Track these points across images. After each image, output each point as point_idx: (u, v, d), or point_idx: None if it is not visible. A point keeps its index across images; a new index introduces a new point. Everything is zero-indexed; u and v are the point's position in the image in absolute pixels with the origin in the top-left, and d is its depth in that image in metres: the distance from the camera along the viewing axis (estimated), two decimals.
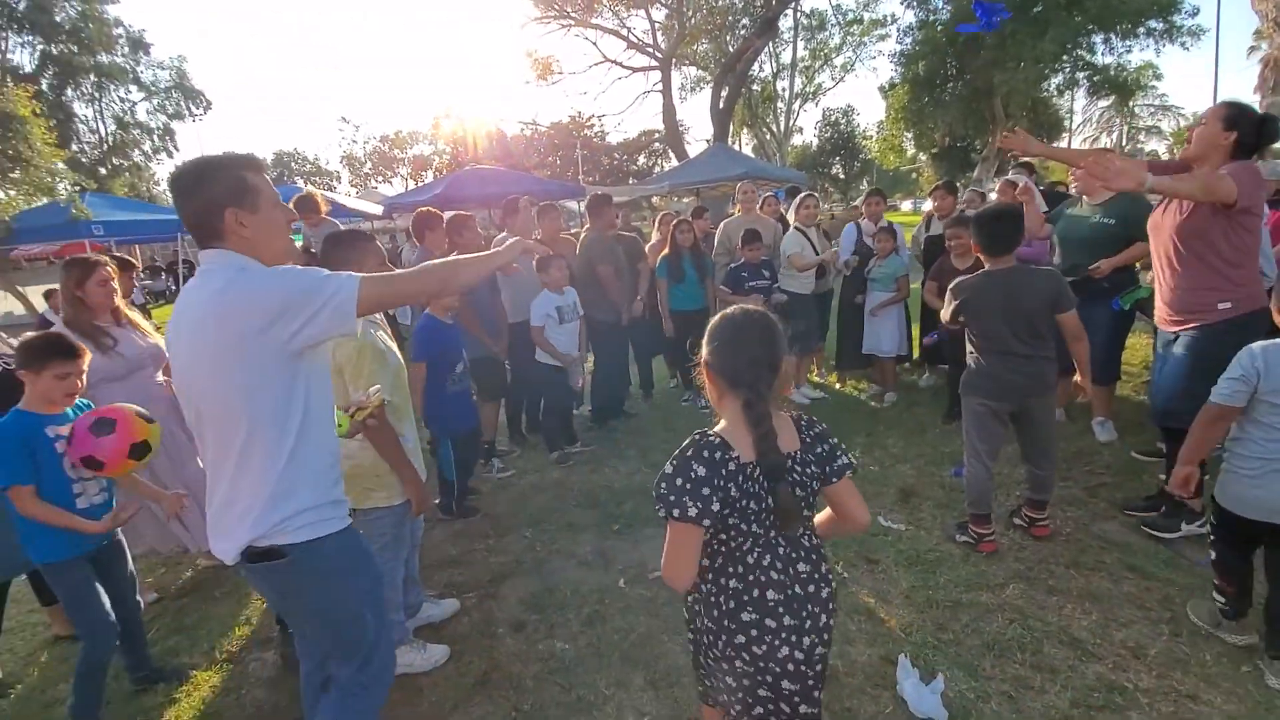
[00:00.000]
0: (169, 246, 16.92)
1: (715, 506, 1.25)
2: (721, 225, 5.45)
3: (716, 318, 1.41)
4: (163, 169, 31.46)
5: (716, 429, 1.36)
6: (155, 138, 30.83)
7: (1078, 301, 2.66)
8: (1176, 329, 2.67)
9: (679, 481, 1.26)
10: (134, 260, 4.04)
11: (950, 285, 2.82)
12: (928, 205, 6.18)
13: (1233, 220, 2.44)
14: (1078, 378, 2.72)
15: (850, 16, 29.20)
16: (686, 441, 1.31)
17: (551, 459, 4.31)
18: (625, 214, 9.88)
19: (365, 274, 1.47)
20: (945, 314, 2.86)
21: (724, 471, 1.27)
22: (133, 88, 29.16)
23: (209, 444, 1.47)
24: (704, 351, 1.41)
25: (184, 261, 11.90)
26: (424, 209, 4.51)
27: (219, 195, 1.41)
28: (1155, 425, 3.01)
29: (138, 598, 2.37)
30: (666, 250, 5.01)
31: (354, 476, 2.05)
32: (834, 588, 1.42)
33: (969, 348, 2.83)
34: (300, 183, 30.11)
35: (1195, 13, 16.85)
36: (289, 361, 1.41)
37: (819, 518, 1.49)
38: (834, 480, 1.38)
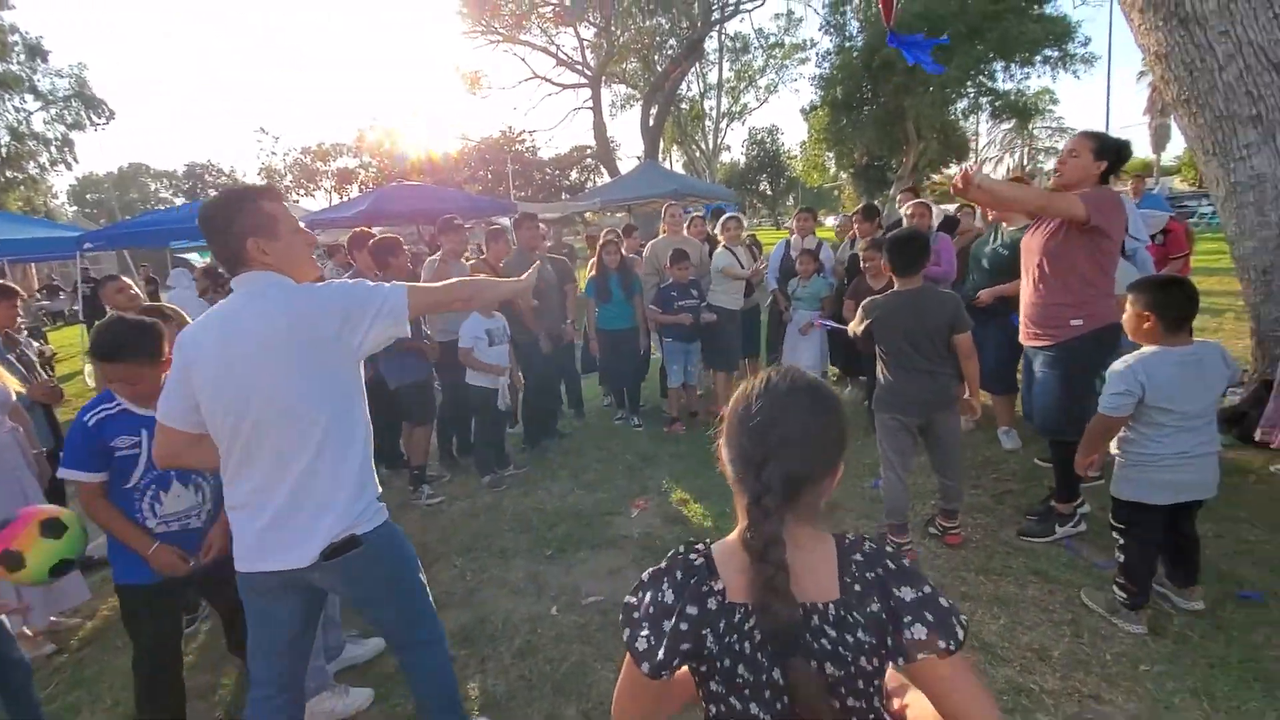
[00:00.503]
0: (67, 264, 15.54)
1: (678, 653, 0.83)
2: (649, 245, 5.51)
3: (754, 380, 0.92)
4: (61, 181, 29.17)
5: (718, 542, 0.92)
6: (53, 149, 28.63)
7: (973, 324, 2.84)
8: (1035, 344, 2.90)
9: (644, 597, 0.88)
10: (14, 286, 3.70)
11: (862, 304, 2.97)
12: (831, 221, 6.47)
13: (1093, 242, 2.67)
14: (970, 395, 2.92)
15: (772, 40, 30.43)
16: (671, 551, 0.92)
17: (484, 483, 4.22)
18: (558, 231, 9.88)
19: (409, 284, 1.66)
20: (856, 328, 3.00)
21: (701, 609, 0.84)
22: (29, 96, 27.03)
23: (267, 454, 1.51)
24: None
25: (87, 281, 10.88)
26: (359, 229, 4.43)
27: (242, 228, 1.52)
28: (1041, 434, 3.23)
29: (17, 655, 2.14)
30: (594, 271, 5.03)
31: None
32: None
33: (879, 365, 2.97)
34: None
35: (1087, 42, 18.47)
36: (355, 363, 1.59)
37: (911, 711, 0.94)
38: (900, 659, 0.83)
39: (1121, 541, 2.36)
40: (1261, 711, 1.94)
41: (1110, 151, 2.71)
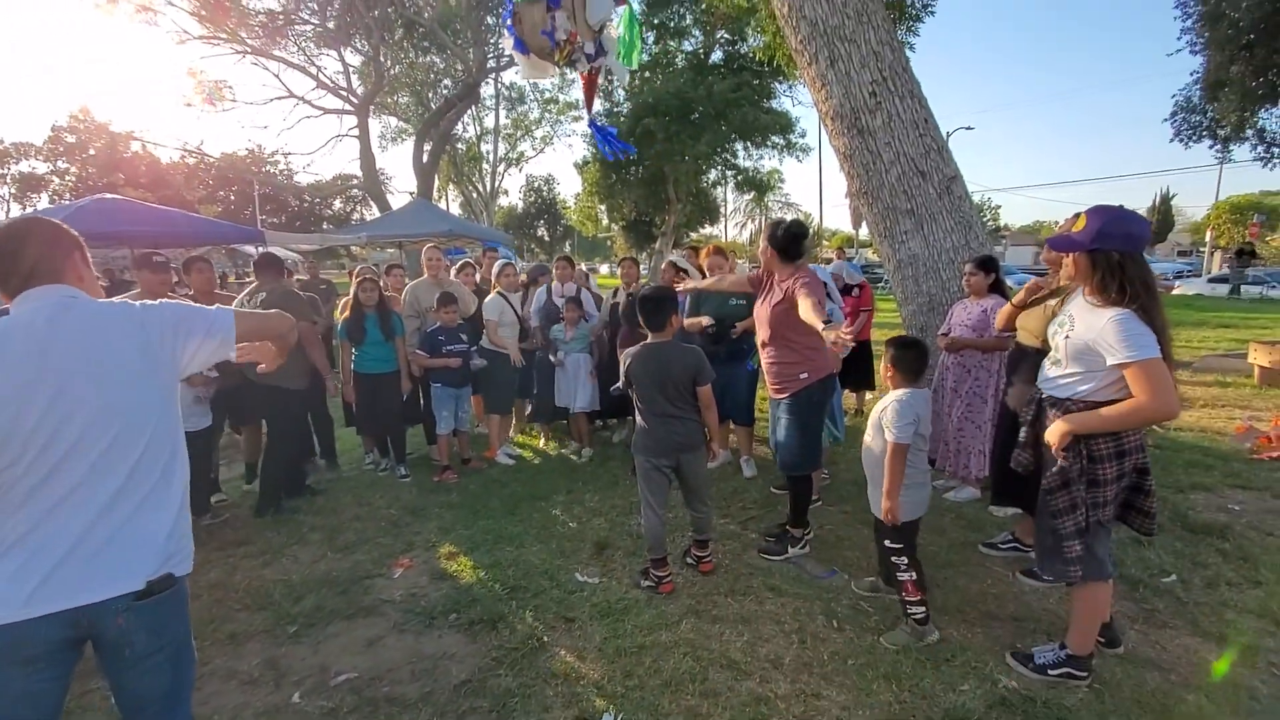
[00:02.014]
0: None
1: None
2: (408, 287, 5.34)
3: None
4: None
5: None
6: None
7: (714, 375, 3.16)
8: (776, 396, 3.44)
9: None
10: None
11: (622, 354, 3.20)
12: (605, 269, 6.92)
13: None
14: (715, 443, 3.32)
15: (547, 96, 31.70)
16: None
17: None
18: (313, 265, 8.98)
19: (236, 309, 1.70)
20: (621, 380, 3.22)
21: None
22: None
23: (76, 475, 1.37)
24: None
25: None
26: (145, 251, 3.83)
27: (72, 242, 1.53)
28: (780, 471, 3.74)
29: None
30: (348, 312, 4.69)
31: None
32: None
33: (636, 411, 3.20)
34: None
35: (804, 134, 22.31)
36: (177, 384, 1.57)
37: None
38: None
39: (906, 561, 2.65)
40: (931, 685, 2.42)
41: (779, 238, 3.33)
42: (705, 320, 4.34)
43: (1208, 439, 5.27)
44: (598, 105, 3.70)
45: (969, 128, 35.69)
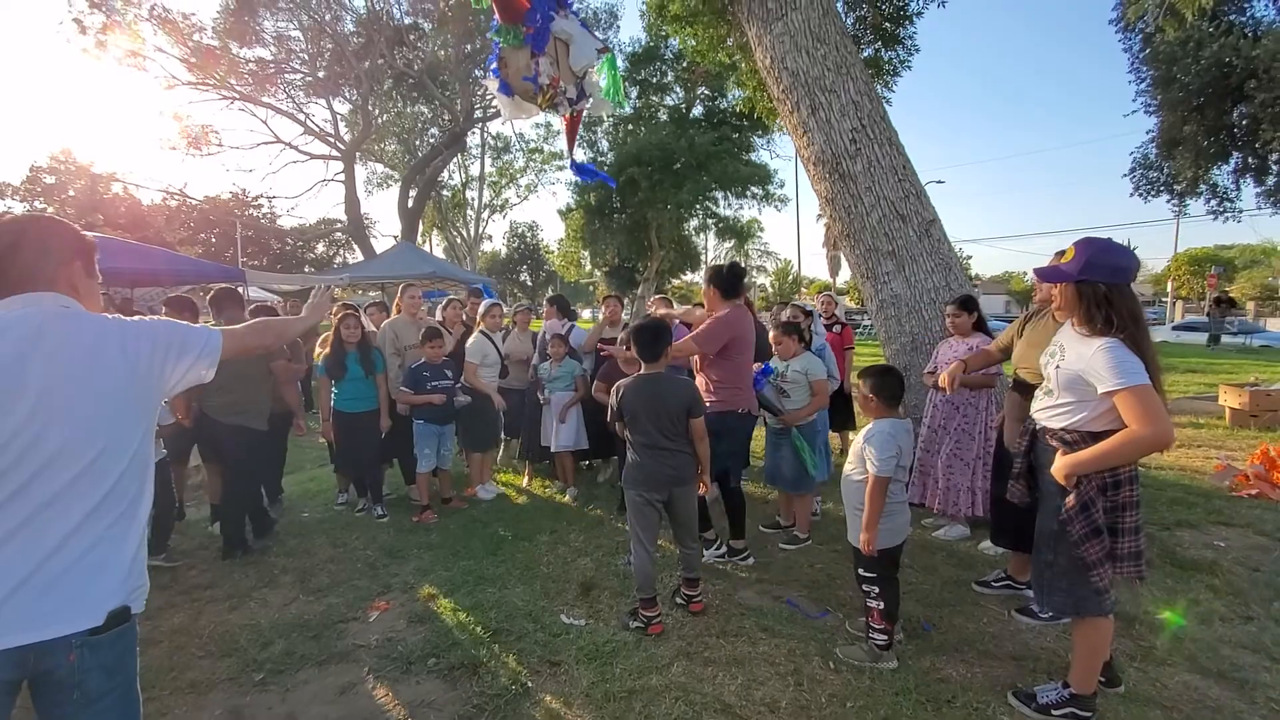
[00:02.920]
0: None
1: None
2: (385, 324, 5.32)
3: None
4: None
5: None
6: None
7: (706, 408, 3.21)
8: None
9: None
10: None
11: (613, 386, 3.16)
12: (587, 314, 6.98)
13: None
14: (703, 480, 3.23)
15: (532, 146, 32.41)
16: None
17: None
18: (295, 305, 8.90)
19: (225, 327, 1.62)
20: (610, 413, 3.18)
21: None
22: None
23: (43, 493, 1.27)
24: None
25: None
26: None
27: (72, 248, 1.46)
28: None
29: None
30: (328, 349, 4.62)
31: None
32: None
33: (628, 445, 3.15)
34: None
35: (782, 185, 23.07)
36: (159, 405, 1.50)
37: None
38: None
39: (877, 590, 2.68)
40: None
41: (719, 279, 3.70)
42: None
43: (1188, 477, 5.32)
44: (582, 154, 3.80)
45: (940, 181, 37.04)
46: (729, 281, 3.71)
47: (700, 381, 3.69)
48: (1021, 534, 2.82)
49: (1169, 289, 36.84)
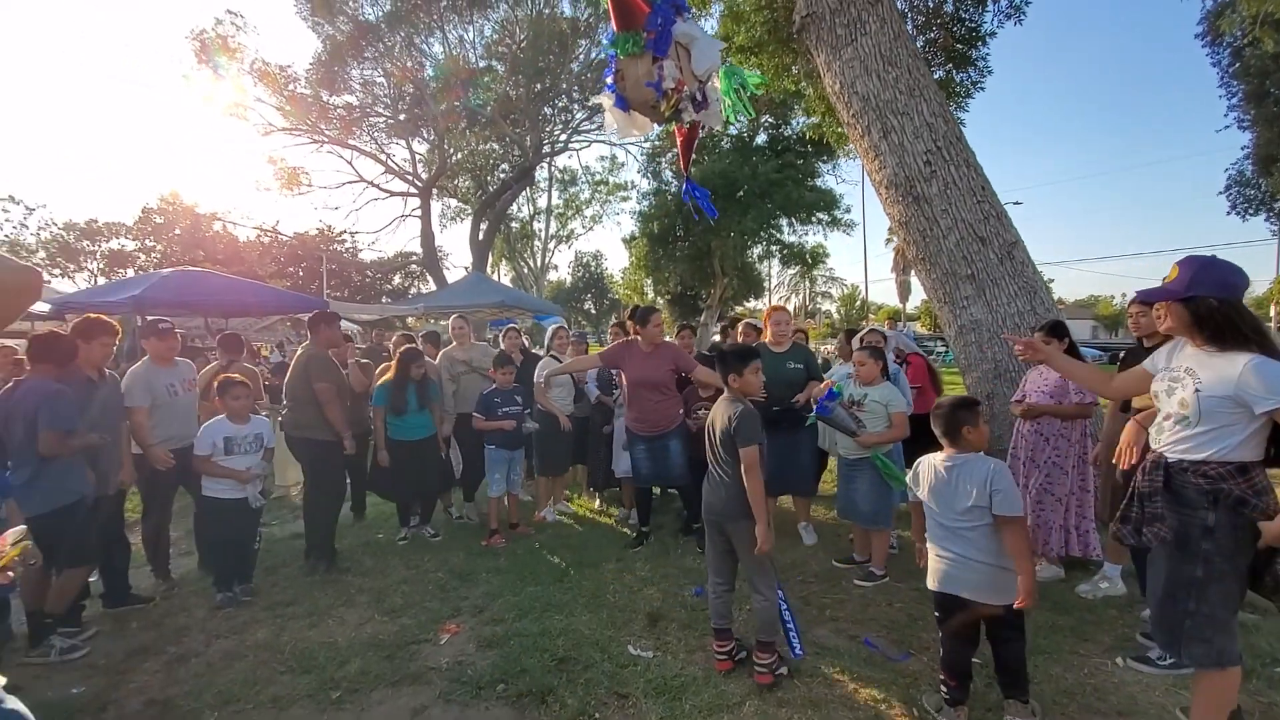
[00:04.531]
0: None
1: None
2: (441, 354, 5.52)
3: None
4: None
5: None
6: None
7: (762, 438, 2.81)
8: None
9: None
10: None
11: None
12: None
13: None
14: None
15: (597, 178, 33.25)
16: None
17: (216, 601, 3.72)
18: (378, 334, 9.35)
19: None
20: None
21: None
22: None
23: None
24: None
25: None
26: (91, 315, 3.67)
27: None
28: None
29: None
30: (390, 377, 4.78)
31: None
32: None
33: None
34: None
35: (849, 210, 22.64)
36: None
37: None
38: None
39: (939, 634, 2.53)
40: None
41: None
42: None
43: None
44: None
45: (1018, 203, 35.59)
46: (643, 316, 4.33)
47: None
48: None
49: (1271, 312, 33.71)
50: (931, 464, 2.55)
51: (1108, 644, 3.05)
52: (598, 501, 5.65)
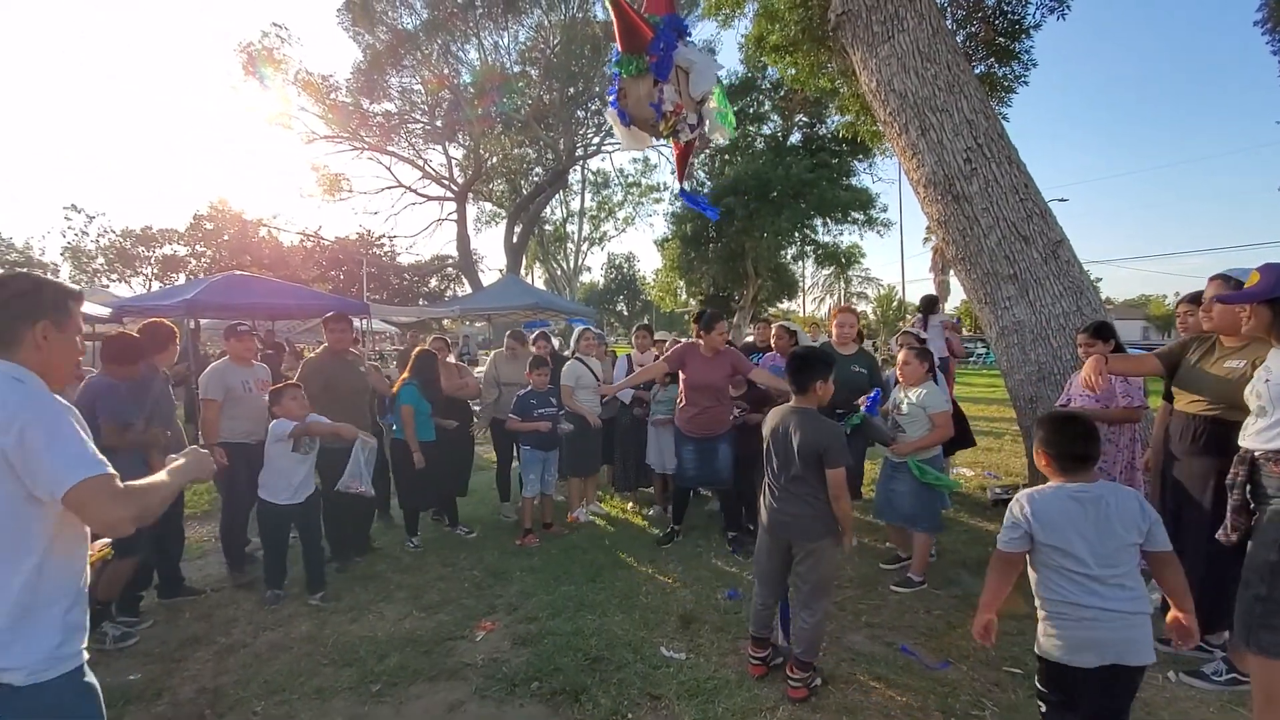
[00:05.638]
0: None
1: None
2: (491, 357, 5.65)
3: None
4: None
5: None
6: None
7: (850, 461, 2.74)
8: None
9: None
10: None
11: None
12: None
13: None
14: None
15: (630, 180, 33.39)
16: None
17: (264, 598, 3.84)
18: (414, 335, 9.55)
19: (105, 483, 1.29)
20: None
21: None
22: None
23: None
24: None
25: None
26: (156, 320, 3.94)
27: (33, 307, 1.36)
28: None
29: None
30: (406, 377, 4.83)
31: None
32: None
33: None
34: None
35: (885, 209, 22.26)
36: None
37: None
38: None
39: (1043, 709, 2.01)
40: None
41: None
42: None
43: None
44: (678, 186, 3.85)
45: (1063, 199, 34.47)
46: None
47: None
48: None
49: None
50: (1055, 496, 1.95)
51: (1159, 658, 2.93)
52: (630, 504, 5.67)
